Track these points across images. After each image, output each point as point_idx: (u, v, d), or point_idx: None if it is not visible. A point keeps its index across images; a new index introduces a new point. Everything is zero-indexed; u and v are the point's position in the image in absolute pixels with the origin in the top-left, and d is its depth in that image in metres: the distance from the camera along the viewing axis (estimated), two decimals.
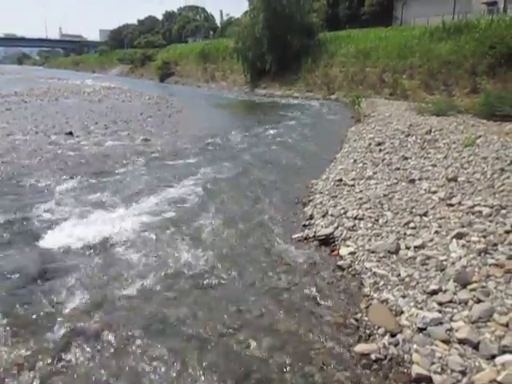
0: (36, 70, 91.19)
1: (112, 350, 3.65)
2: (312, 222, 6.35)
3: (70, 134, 13.27)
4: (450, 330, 3.53)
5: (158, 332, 3.91)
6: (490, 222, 5.14)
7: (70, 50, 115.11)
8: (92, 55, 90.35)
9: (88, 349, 3.66)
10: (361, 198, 6.72)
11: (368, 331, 3.83)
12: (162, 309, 4.26)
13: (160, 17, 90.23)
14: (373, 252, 5.07)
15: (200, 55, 42.67)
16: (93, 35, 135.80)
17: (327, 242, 5.68)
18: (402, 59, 21.06)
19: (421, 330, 3.62)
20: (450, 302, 3.87)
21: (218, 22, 78.85)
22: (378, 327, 3.81)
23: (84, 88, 33.87)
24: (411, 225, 5.53)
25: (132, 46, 75.54)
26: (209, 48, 42.56)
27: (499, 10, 27.44)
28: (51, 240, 5.72)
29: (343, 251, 5.29)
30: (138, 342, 3.76)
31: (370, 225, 5.79)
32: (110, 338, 3.80)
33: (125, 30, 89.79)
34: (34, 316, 4.11)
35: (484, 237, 4.79)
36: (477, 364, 3.17)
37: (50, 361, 3.51)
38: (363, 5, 39.19)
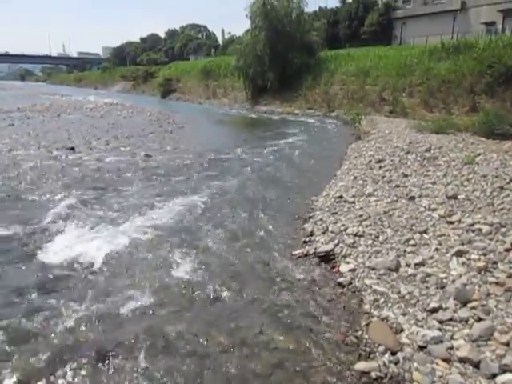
0: (39, 86, 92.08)
1: (110, 367, 3.63)
2: (312, 238, 6.34)
3: (72, 149, 13.34)
4: (451, 348, 3.52)
5: (157, 348, 3.88)
6: (490, 239, 5.15)
7: (72, 67, 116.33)
8: (94, 72, 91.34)
9: (86, 365, 3.64)
10: (361, 215, 6.73)
11: (368, 349, 3.81)
12: (161, 325, 4.24)
13: (162, 35, 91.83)
14: (373, 269, 5.06)
15: (202, 72, 43.15)
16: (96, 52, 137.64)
17: (327, 258, 5.68)
18: (401, 78, 21.30)
19: (421, 348, 3.61)
20: (451, 320, 3.87)
21: (219, 39, 79.99)
22: (379, 345, 3.80)
23: (86, 104, 34.14)
24: (411, 242, 5.54)
25: (134, 63, 76.59)
26: (210, 65, 43.06)
27: (497, 30, 27.86)
28: (51, 255, 5.72)
29: (343, 268, 5.28)
30: (137, 357, 3.74)
31: (370, 242, 5.79)
32: (109, 353, 3.78)
33: (127, 48, 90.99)
34: (33, 331, 4.08)
35: (484, 255, 4.80)
36: (477, 383, 3.15)
37: (47, 377, 3.49)
38: (363, 24, 39.86)
